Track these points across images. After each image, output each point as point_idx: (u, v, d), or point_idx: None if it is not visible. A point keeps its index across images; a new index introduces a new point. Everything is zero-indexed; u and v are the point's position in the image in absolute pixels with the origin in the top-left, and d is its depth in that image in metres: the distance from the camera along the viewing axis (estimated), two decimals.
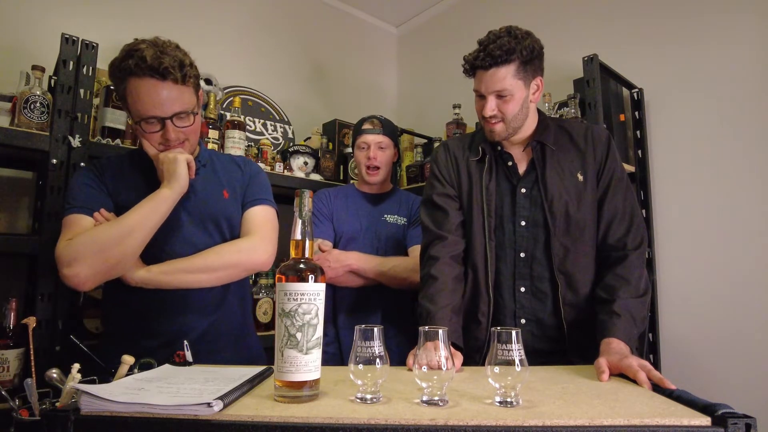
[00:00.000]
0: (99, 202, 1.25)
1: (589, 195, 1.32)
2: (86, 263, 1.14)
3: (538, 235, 1.32)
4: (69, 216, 1.23)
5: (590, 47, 2.03)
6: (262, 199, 1.41)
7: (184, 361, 1.08)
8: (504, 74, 1.27)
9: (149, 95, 1.18)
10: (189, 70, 1.23)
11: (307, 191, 0.88)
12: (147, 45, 1.19)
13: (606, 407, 0.76)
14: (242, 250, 1.30)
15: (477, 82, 1.32)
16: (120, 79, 1.21)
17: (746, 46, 1.89)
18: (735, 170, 1.89)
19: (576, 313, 1.28)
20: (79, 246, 1.15)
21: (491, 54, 1.26)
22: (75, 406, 0.75)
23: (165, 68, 1.17)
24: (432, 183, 1.46)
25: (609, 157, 1.35)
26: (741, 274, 1.84)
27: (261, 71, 2.70)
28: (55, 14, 2.06)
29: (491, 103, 1.30)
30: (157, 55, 1.17)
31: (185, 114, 1.25)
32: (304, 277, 0.82)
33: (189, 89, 1.25)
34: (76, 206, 1.23)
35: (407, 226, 1.86)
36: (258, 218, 1.38)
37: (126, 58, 1.18)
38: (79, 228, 1.19)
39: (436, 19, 3.22)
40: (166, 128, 1.23)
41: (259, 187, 1.44)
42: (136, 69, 1.16)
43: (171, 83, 1.19)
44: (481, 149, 1.39)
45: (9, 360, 1.41)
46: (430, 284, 1.31)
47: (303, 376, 0.80)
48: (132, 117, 1.26)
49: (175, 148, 1.27)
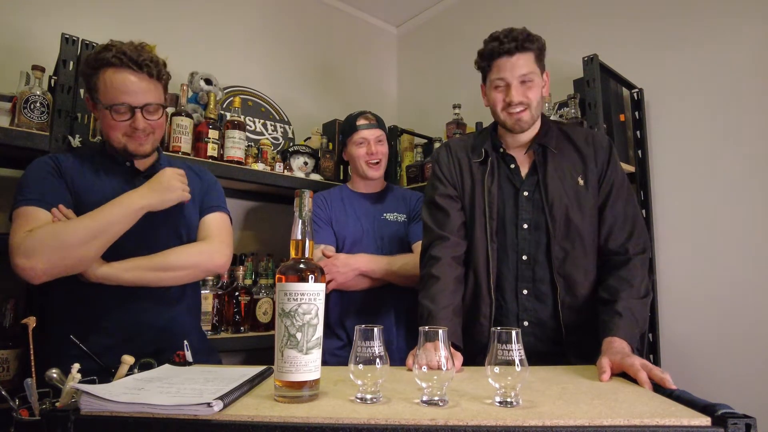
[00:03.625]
0: (58, 197, 1.24)
1: (589, 200, 1.32)
2: (44, 258, 1.13)
3: (539, 238, 1.32)
4: (24, 208, 1.20)
5: (590, 47, 2.03)
6: (219, 207, 1.48)
7: (184, 361, 1.08)
8: (527, 59, 1.29)
9: (124, 84, 1.24)
10: (162, 69, 1.33)
11: (307, 191, 0.88)
12: (123, 43, 1.28)
13: (606, 407, 0.76)
14: (203, 252, 1.36)
15: (499, 71, 1.31)
16: (95, 69, 1.26)
17: (746, 47, 1.89)
18: (735, 170, 1.89)
19: (574, 315, 1.29)
20: (40, 240, 1.14)
21: (515, 38, 1.28)
22: (75, 406, 0.75)
23: (142, 60, 1.25)
24: (434, 183, 1.46)
25: (610, 164, 1.35)
26: (741, 274, 1.84)
27: (261, 71, 2.70)
28: (55, 14, 2.06)
29: (518, 89, 1.30)
30: (136, 49, 1.27)
31: (154, 107, 1.30)
32: (304, 277, 0.82)
33: (160, 86, 1.33)
34: (32, 198, 1.21)
35: (408, 222, 1.85)
36: (215, 224, 1.45)
37: (104, 51, 1.25)
38: (37, 221, 1.18)
39: (436, 19, 3.22)
40: (135, 117, 1.27)
41: (216, 195, 1.51)
42: (114, 59, 1.23)
43: (146, 75, 1.27)
44: (484, 151, 1.39)
45: (9, 360, 1.41)
46: (432, 284, 1.31)
47: (303, 376, 0.80)
48: (100, 107, 1.27)
49: (143, 141, 1.30)
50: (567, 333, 1.28)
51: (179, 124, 1.87)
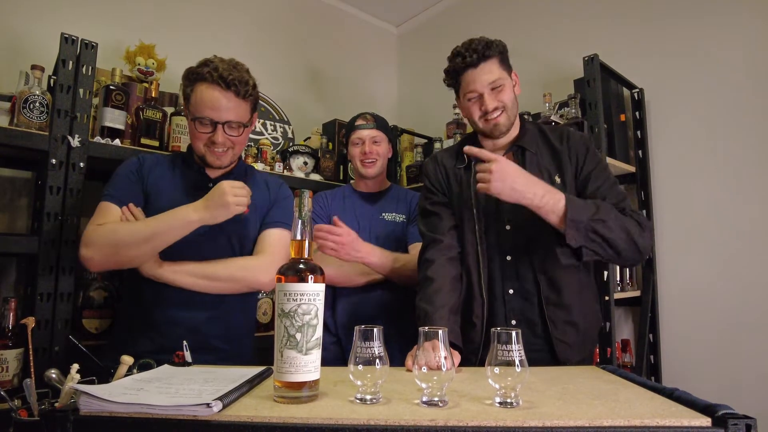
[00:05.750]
0: (131, 196, 1.36)
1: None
2: (101, 252, 1.26)
3: (521, 238, 1.34)
4: (103, 203, 1.34)
5: (590, 47, 2.03)
6: (283, 223, 1.47)
7: (183, 362, 1.08)
8: (492, 66, 1.33)
9: (211, 99, 1.32)
10: (251, 89, 1.38)
11: (307, 191, 0.88)
12: (221, 60, 1.36)
13: (606, 408, 0.76)
14: (248, 268, 1.37)
15: (468, 84, 1.35)
16: (191, 81, 1.36)
17: (746, 47, 1.89)
18: (735, 170, 1.89)
19: (561, 312, 1.30)
20: (101, 236, 1.26)
21: (475, 50, 1.32)
22: (74, 407, 0.75)
23: (231, 80, 1.32)
24: (425, 194, 1.51)
25: (588, 157, 1.35)
26: (741, 273, 1.84)
27: (261, 71, 2.68)
28: (55, 14, 2.06)
29: (490, 96, 1.33)
30: (229, 69, 1.33)
31: (237, 125, 1.37)
32: (303, 278, 0.82)
33: (246, 105, 1.39)
34: (112, 195, 1.35)
35: (407, 223, 1.85)
36: (272, 240, 1.44)
37: (202, 66, 1.34)
38: (110, 216, 1.31)
39: (436, 19, 3.22)
40: (216, 132, 1.35)
41: (283, 212, 1.50)
42: (207, 76, 1.32)
43: (232, 94, 1.33)
44: (466, 156, 1.41)
45: (8, 360, 1.41)
46: (427, 286, 1.32)
47: (302, 376, 0.80)
48: (189, 115, 1.38)
49: (221, 155, 1.38)
50: (554, 329, 1.30)
51: (179, 124, 1.87)
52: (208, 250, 1.36)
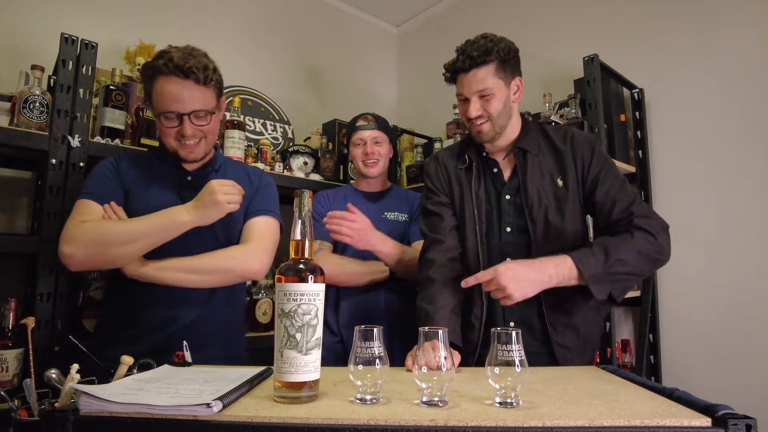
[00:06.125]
0: (111, 194, 1.33)
1: (570, 200, 1.31)
2: (84, 250, 1.21)
3: (522, 240, 1.33)
4: (82, 200, 1.31)
5: (590, 47, 2.03)
6: (267, 210, 1.45)
7: (183, 362, 1.08)
8: (484, 74, 1.29)
9: (171, 91, 1.28)
10: (211, 74, 1.33)
11: (307, 191, 0.87)
12: (176, 49, 1.31)
13: (606, 408, 0.76)
14: (237, 258, 1.34)
15: (459, 86, 1.34)
16: (149, 77, 1.31)
17: (746, 47, 1.89)
18: (735, 170, 1.89)
19: (560, 315, 1.30)
20: (84, 233, 1.22)
21: (470, 56, 1.29)
22: (74, 407, 0.75)
23: (189, 68, 1.27)
24: (426, 194, 1.49)
25: (594, 159, 1.32)
26: (741, 274, 1.84)
27: (261, 71, 2.70)
28: (55, 14, 2.06)
29: (475, 104, 1.32)
30: (184, 57, 1.28)
31: (203, 113, 1.33)
32: (303, 278, 0.82)
33: (210, 91, 1.34)
34: (91, 193, 1.32)
35: (409, 222, 1.85)
36: (258, 228, 1.41)
37: (157, 58, 1.30)
38: (90, 213, 1.28)
39: (436, 19, 3.22)
40: (183, 124, 1.31)
41: (266, 199, 1.47)
42: (163, 68, 1.27)
43: (193, 83, 1.29)
44: (467, 157, 1.41)
45: (8, 360, 1.41)
46: (428, 286, 1.32)
47: (302, 376, 0.80)
48: (154, 112, 1.34)
49: (193, 148, 1.34)
50: (554, 332, 1.29)
51: None
52: (193, 244, 1.32)
